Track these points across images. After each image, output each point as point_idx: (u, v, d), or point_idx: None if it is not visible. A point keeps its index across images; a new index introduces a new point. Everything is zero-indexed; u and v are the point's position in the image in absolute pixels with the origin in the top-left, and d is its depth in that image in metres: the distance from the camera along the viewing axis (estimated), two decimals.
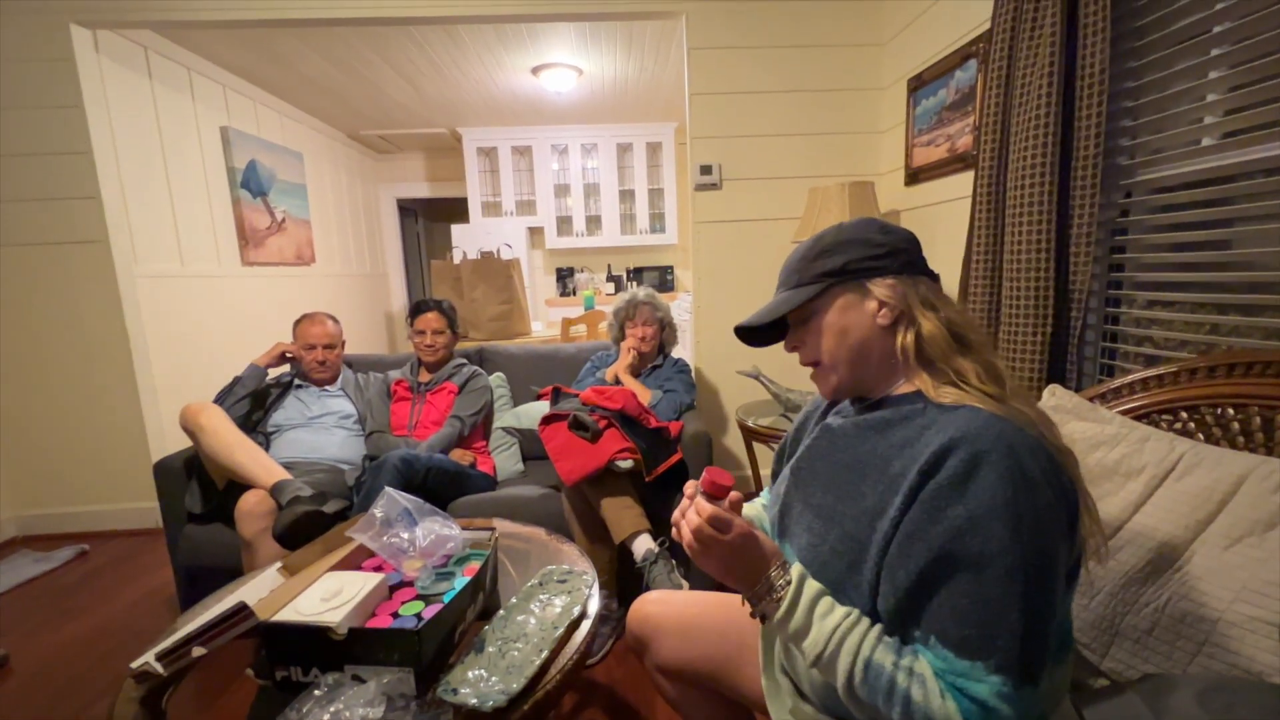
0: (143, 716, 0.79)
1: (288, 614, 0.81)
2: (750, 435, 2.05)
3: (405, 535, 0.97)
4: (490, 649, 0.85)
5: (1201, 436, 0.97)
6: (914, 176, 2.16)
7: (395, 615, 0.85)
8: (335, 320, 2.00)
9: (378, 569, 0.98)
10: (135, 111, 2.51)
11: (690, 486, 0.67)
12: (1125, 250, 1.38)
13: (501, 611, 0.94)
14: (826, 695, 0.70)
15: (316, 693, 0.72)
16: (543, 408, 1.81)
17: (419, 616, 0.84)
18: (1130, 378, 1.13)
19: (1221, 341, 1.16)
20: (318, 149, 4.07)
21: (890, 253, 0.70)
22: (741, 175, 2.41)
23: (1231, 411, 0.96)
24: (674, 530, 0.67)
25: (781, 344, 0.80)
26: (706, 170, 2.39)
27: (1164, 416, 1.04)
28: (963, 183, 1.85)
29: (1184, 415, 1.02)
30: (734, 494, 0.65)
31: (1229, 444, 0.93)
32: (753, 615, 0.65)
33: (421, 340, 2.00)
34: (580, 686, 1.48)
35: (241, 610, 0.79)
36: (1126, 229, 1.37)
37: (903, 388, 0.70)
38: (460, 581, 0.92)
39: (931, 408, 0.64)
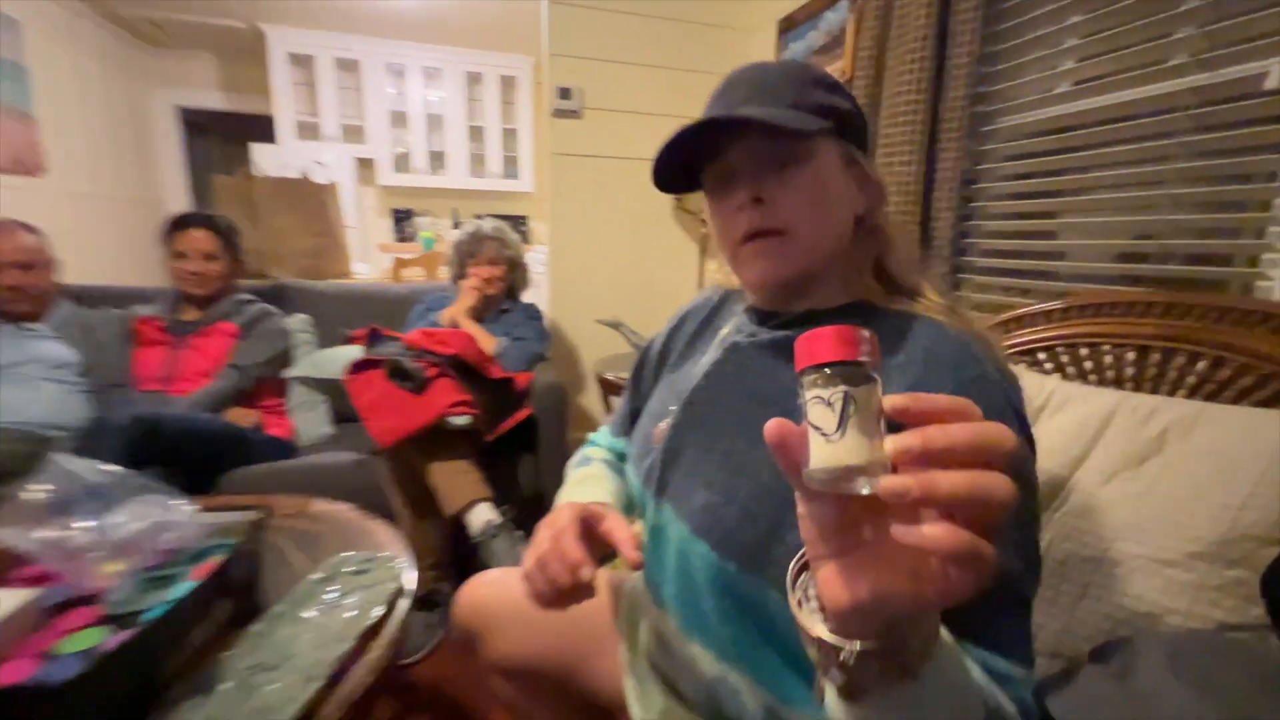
0: None
1: None
2: (610, 389, 1.87)
3: (90, 524, 0.63)
4: (226, 686, 0.57)
5: (1059, 376, 0.96)
6: None
7: (44, 656, 0.52)
8: (33, 230, 1.43)
9: (40, 580, 0.62)
10: None
11: None
12: (975, 200, 1.39)
13: (257, 626, 0.65)
14: (712, 697, 0.53)
15: None
16: (352, 354, 1.44)
17: (92, 651, 0.52)
18: (989, 321, 1.12)
19: (1060, 288, 1.19)
20: (47, 20, 3.04)
21: (866, 127, 0.56)
22: (605, 105, 2.17)
23: (1085, 350, 0.96)
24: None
25: (653, 290, 0.61)
26: (566, 94, 2.11)
27: (1024, 358, 1.04)
28: None
29: (1041, 356, 1.01)
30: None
31: (1084, 382, 0.93)
32: (845, 689, 0.32)
33: (184, 267, 1.51)
34: (399, 690, 1.21)
35: None
36: (979, 178, 1.38)
37: (837, 299, 0.54)
38: (181, 589, 0.61)
39: (876, 317, 0.50)
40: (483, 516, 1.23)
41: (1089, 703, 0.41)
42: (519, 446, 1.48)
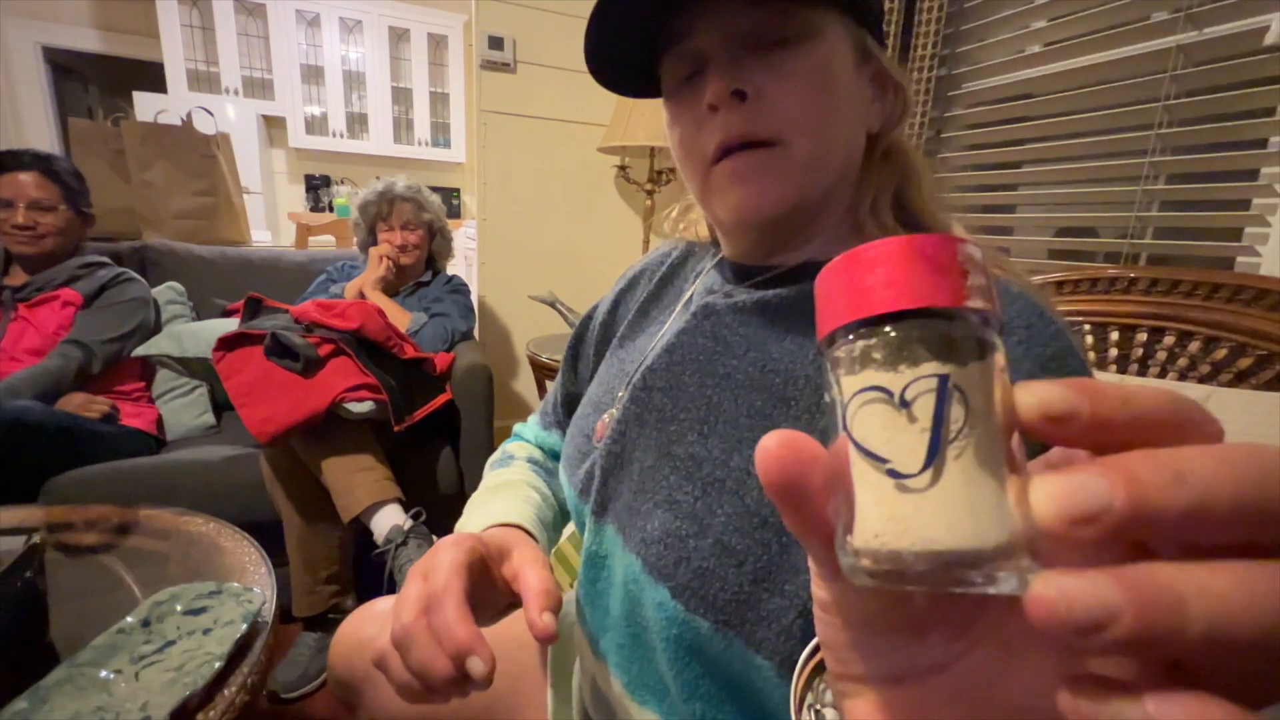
0: None
1: None
2: (543, 372, 1.70)
3: None
4: None
5: None
6: None
7: None
8: None
9: None
10: None
11: None
12: (937, 170, 1.31)
13: (20, 704, 0.46)
14: None
15: None
16: (227, 327, 1.19)
17: None
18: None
19: (1029, 264, 1.12)
20: None
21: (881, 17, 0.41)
22: (541, 60, 1.97)
23: None
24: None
25: (591, 263, 0.48)
26: (497, 44, 1.89)
27: None
28: None
29: None
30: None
31: None
32: None
33: (7, 219, 1.21)
34: None
35: None
36: (938, 149, 1.30)
37: (824, 249, 0.40)
38: None
39: None
40: (389, 521, 1.04)
41: None
42: (436, 437, 1.28)
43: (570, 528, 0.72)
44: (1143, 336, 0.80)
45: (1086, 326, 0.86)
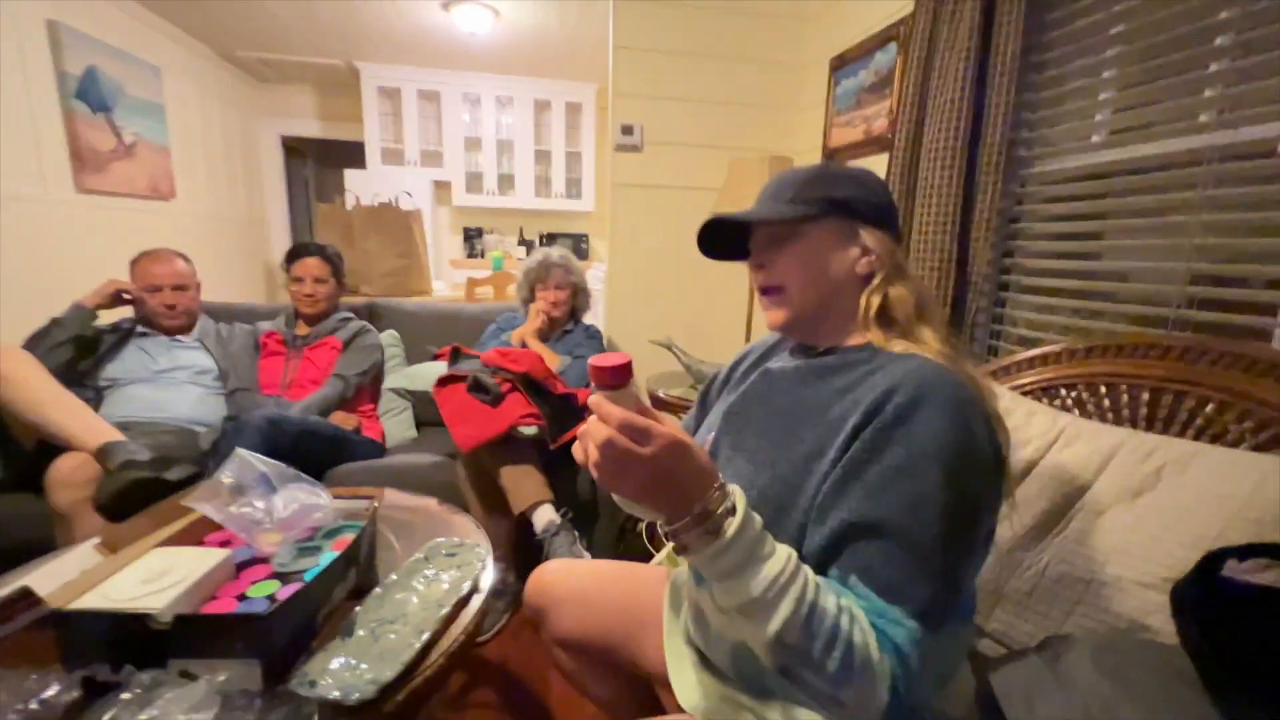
0: None
1: (93, 599, 0.65)
2: (660, 406, 2.01)
3: (260, 505, 0.83)
4: (361, 633, 0.74)
5: (1078, 412, 1.04)
6: (830, 157, 2.19)
7: (242, 598, 0.71)
8: (186, 259, 1.71)
9: (225, 544, 0.82)
10: None
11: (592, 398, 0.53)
12: (1016, 238, 1.46)
13: (378, 590, 0.83)
14: (737, 659, 0.66)
15: (125, 696, 0.58)
16: (438, 369, 1.66)
17: (272, 598, 0.71)
18: (1017, 357, 1.19)
19: (1091, 326, 1.25)
20: (181, 65, 3.50)
21: (888, 209, 0.69)
22: (663, 139, 2.33)
23: (1104, 389, 1.03)
24: (578, 451, 0.54)
25: (704, 313, 0.77)
26: (628, 130, 2.28)
27: (1045, 394, 1.11)
28: (876, 166, 1.89)
29: (1063, 392, 1.09)
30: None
31: (1101, 419, 1.00)
32: (677, 549, 0.51)
33: (300, 289, 1.76)
34: (470, 665, 1.38)
35: (25, 597, 0.63)
36: (1020, 217, 1.45)
37: (852, 340, 0.68)
38: (327, 557, 0.80)
39: (880, 355, 0.63)
40: (545, 516, 1.39)
41: (1018, 678, 0.51)
42: None
43: None
44: (1169, 398, 0.93)
45: (1123, 387, 1.00)
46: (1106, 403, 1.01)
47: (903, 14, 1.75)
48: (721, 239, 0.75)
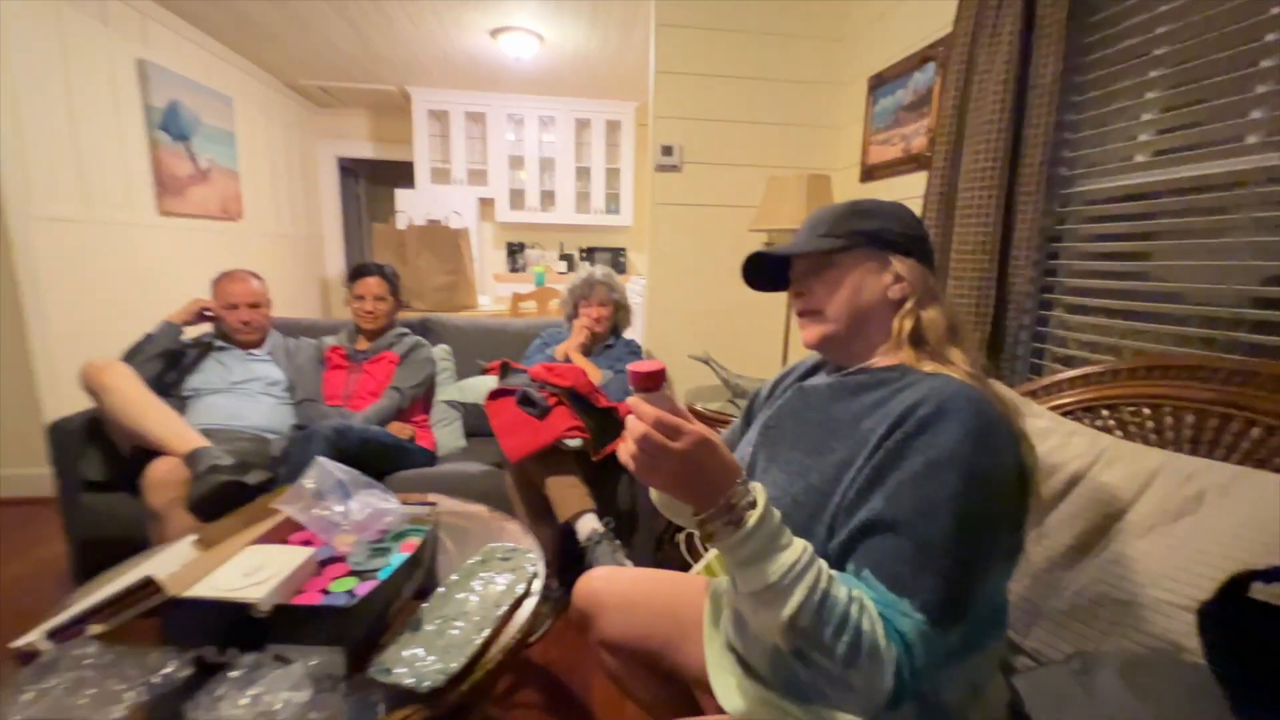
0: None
1: (203, 589, 0.74)
2: (698, 420, 2.06)
3: (338, 508, 0.91)
4: (428, 628, 0.81)
5: (1120, 433, 1.04)
6: (869, 174, 2.21)
7: (325, 592, 0.79)
8: (259, 278, 1.85)
9: (306, 543, 0.91)
10: (35, 32, 2.23)
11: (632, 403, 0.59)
12: (1058, 257, 1.45)
13: (441, 589, 0.90)
14: (775, 664, 0.70)
15: (232, 674, 0.66)
16: (488, 382, 1.75)
17: (351, 593, 0.79)
18: (1059, 376, 1.19)
19: (1136, 346, 1.24)
20: (249, 94, 3.76)
21: (919, 239, 0.75)
22: (702, 159, 2.39)
23: (1148, 410, 1.03)
24: (623, 453, 0.60)
25: (742, 329, 0.82)
26: (668, 151, 2.36)
27: (1088, 414, 1.11)
28: (914, 183, 1.90)
29: (1105, 413, 1.09)
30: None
31: (1144, 440, 1.00)
32: (704, 539, 0.58)
33: (361, 306, 1.89)
34: (516, 667, 1.45)
35: (148, 585, 0.72)
36: (1061, 236, 1.45)
37: (885, 360, 0.73)
38: (398, 558, 0.87)
39: (911, 374, 0.68)
40: (589, 525, 1.46)
41: (1047, 687, 0.53)
42: (619, 468, 1.70)
43: None
44: (1214, 421, 0.93)
45: (1167, 408, 1.00)
46: (1150, 424, 1.01)
47: (941, 34, 1.77)
48: (764, 271, 0.81)
